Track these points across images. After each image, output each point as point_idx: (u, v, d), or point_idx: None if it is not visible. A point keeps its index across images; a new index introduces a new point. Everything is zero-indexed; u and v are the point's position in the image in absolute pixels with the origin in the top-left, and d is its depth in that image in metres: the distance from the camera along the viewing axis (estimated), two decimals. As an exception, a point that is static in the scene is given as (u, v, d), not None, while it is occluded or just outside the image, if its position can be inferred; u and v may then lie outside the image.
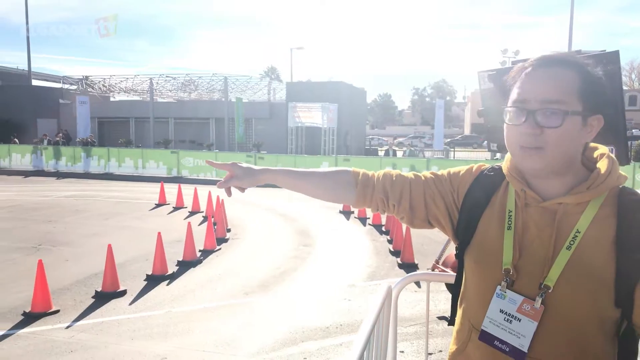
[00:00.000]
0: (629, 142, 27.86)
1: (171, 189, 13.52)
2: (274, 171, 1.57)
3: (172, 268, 7.06)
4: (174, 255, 7.56)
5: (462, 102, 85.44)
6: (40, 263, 5.50)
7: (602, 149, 1.31)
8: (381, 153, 29.35)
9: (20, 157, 21.84)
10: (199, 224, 10.26)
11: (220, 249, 8.38)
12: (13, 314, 5.42)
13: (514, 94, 1.25)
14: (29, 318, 5.30)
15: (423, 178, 1.49)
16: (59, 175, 20.22)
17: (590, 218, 1.19)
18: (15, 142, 23.87)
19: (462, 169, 1.47)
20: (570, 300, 1.18)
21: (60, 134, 25.82)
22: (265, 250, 8.53)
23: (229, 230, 9.68)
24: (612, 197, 1.22)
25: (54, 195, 14.49)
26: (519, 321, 1.24)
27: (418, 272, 2.73)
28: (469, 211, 1.38)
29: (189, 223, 7.82)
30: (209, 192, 11.43)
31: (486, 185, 1.39)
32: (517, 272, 1.24)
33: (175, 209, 12.23)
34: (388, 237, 9.31)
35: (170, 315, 5.52)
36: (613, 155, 1.27)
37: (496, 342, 1.26)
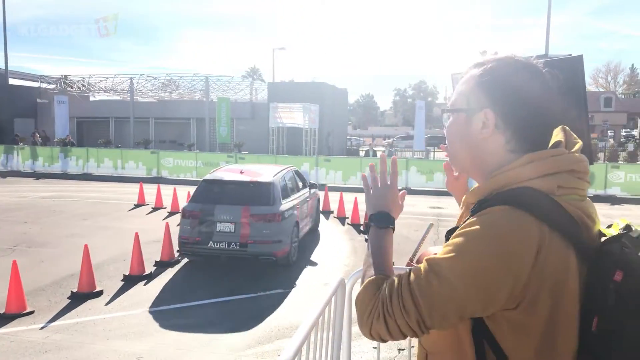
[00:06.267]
0: (604, 143, 28.56)
1: (151, 190, 13.45)
2: None
3: (149, 268, 7.06)
4: (152, 255, 7.55)
5: (444, 103, 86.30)
6: (14, 264, 5.48)
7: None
8: (362, 153, 29.56)
9: (-5, 157, 21.46)
10: (178, 224, 10.21)
11: (198, 249, 8.39)
12: (-13, 315, 5.38)
13: None
14: (3, 319, 5.28)
15: None
16: (37, 175, 19.94)
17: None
18: None
19: None
20: None
21: (37, 134, 25.42)
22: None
23: (208, 231, 9.68)
24: None
25: (30, 196, 14.30)
26: None
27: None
28: None
29: (167, 223, 7.83)
30: (188, 193, 11.38)
31: None
32: None
33: (155, 209, 12.18)
34: (366, 237, 9.42)
35: (146, 314, 5.54)
36: (514, 163, 1.11)
37: None
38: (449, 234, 1.15)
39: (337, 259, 8.08)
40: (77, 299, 5.91)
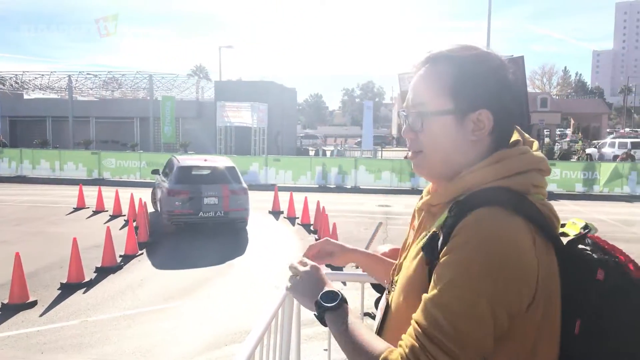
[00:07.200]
0: (541, 142, 29.92)
1: (91, 192, 12.81)
2: (363, 253, 1.60)
3: (89, 275, 6.70)
4: (92, 261, 7.18)
5: (390, 103, 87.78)
6: None
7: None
8: (312, 153, 29.57)
9: None
10: (120, 228, 9.80)
11: (142, 253, 8.06)
12: None
13: None
14: None
15: None
16: (-36, 178, 18.59)
17: (442, 220, 1.04)
18: None
19: None
20: (396, 299, 1.11)
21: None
22: (190, 252, 8.31)
23: (151, 234, 9.33)
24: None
25: (-43, 200, 13.31)
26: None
27: (329, 271, 2.77)
28: None
29: (108, 227, 7.47)
30: (131, 195, 10.99)
31: None
32: (398, 270, 1.19)
33: (95, 212, 11.62)
34: (316, 237, 9.38)
35: (85, 324, 5.24)
36: (488, 162, 1.05)
37: None
38: (429, 246, 1.02)
39: (288, 261, 7.97)
40: (8, 310, 5.50)
